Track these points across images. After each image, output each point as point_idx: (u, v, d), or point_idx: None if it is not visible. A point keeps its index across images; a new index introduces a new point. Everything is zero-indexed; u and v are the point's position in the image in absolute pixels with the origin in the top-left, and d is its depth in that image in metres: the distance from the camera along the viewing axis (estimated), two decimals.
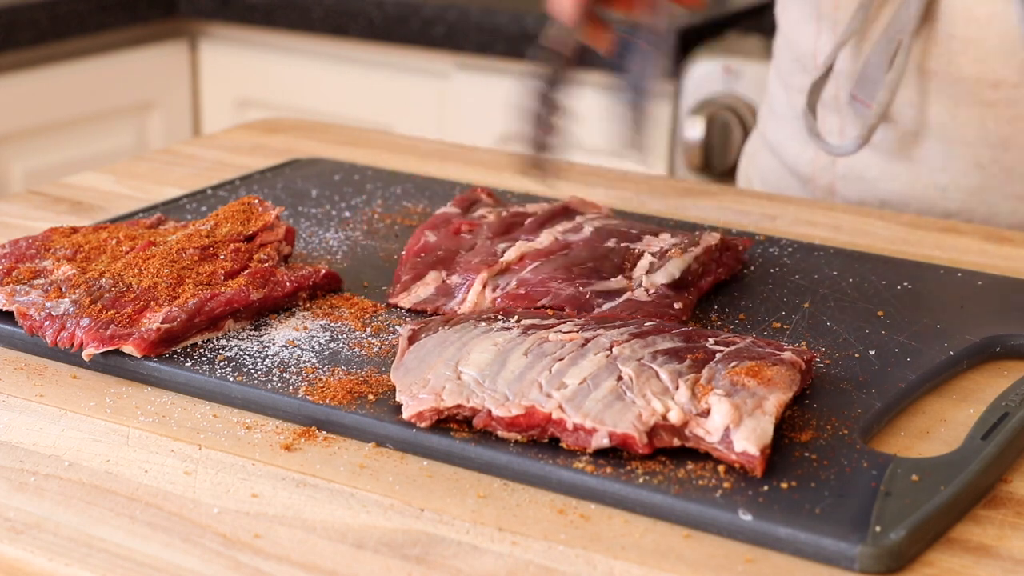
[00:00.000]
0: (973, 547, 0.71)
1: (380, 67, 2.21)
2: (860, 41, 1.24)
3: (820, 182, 1.31)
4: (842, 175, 1.29)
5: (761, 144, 1.41)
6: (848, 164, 1.28)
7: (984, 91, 1.19)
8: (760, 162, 1.41)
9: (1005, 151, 1.21)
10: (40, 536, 0.71)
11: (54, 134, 2.17)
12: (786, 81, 1.34)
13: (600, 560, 0.69)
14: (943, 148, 1.23)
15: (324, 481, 0.76)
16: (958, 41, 1.19)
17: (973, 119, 1.21)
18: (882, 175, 1.27)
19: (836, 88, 1.27)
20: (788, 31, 1.34)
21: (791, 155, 1.34)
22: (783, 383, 0.78)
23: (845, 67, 1.25)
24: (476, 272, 0.96)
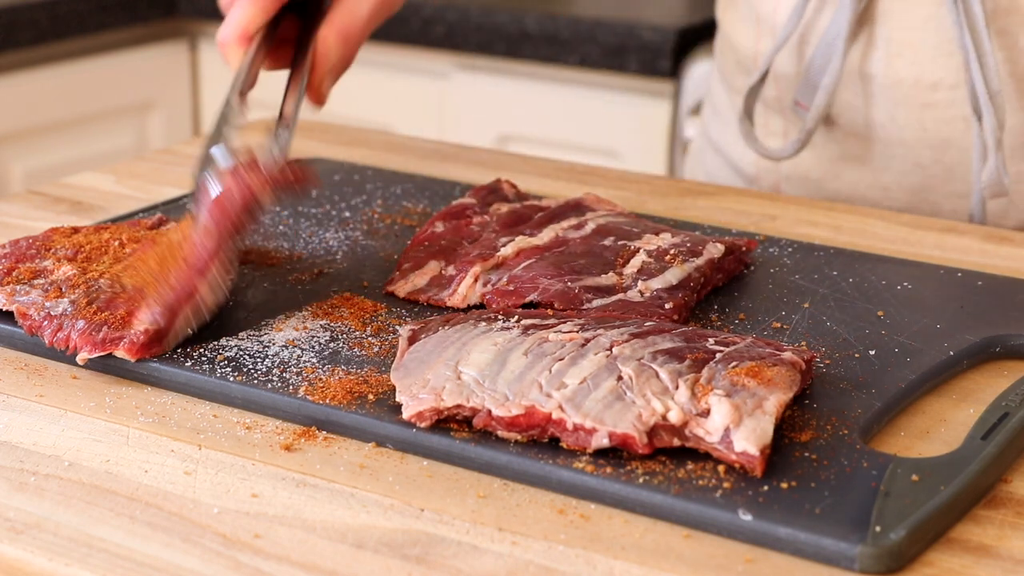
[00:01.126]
0: (973, 547, 0.71)
1: (380, 67, 2.21)
2: (801, 44, 1.25)
3: (764, 182, 1.32)
4: (786, 175, 1.30)
5: (706, 143, 1.42)
6: (792, 165, 1.30)
7: (922, 92, 1.21)
8: (706, 161, 1.42)
9: (945, 151, 1.22)
10: (40, 536, 0.71)
11: (54, 134, 2.17)
12: (728, 82, 1.35)
13: (600, 560, 0.69)
14: (884, 149, 1.24)
15: (324, 481, 0.76)
16: (895, 44, 1.21)
17: (912, 120, 1.22)
18: (826, 175, 1.28)
19: (778, 90, 1.28)
20: (729, 32, 1.35)
21: (735, 155, 1.35)
22: (783, 383, 0.78)
23: (786, 70, 1.26)
24: (471, 265, 0.96)
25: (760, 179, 1.33)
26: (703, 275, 0.96)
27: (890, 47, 1.21)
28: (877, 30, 1.21)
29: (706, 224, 1.12)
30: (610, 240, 1.00)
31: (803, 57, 1.25)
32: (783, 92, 1.28)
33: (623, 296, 0.93)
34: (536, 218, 1.04)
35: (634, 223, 1.04)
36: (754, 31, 1.29)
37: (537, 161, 1.32)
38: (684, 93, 1.97)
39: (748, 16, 1.30)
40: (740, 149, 1.34)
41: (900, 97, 1.22)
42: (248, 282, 0.99)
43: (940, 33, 1.19)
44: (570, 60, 2.02)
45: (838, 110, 1.25)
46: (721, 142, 1.38)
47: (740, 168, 1.35)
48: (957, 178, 1.22)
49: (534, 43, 2.04)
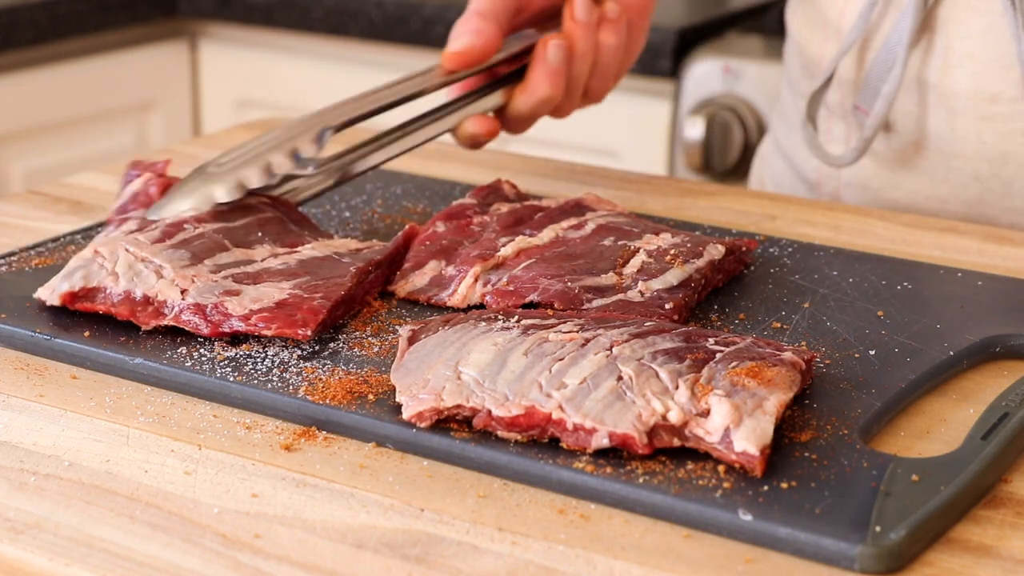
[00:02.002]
0: (973, 547, 0.71)
1: (380, 67, 2.21)
2: (863, 50, 1.24)
3: (825, 189, 1.31)
4: (846, 183, 1.29)
5: (773, 147, 1.41)
6: (852, 172, 1.28)
7: (981, 105, 1.19)
8: (772, 165, 1.40)
9: (1003, 165, 1.20)
10: (40, 536, 0.71)
11: (54, 134, 2.17)
12: (794, 86, 1.34)
13: (600, 560, 0.69)
14: (942, 160, 1.22)
15: (324, 481, 0.76)
16: (955, 53, 1.19)
17: (971, 132, 1.20)
18: (885, 184, 1.26)
19: (842, 96, 1.26)
20: (796, 35, 1.33)
21: (799, 160, 1.34)
22: (783, 383, 0.78)
23: (849, 75, 1.25)
24: (470, 265, 0.96)
25: (822, 185, 1.31)
26: (704, 276, 0.96)
27: (949, 56, 1.19)
28: (936, 38, 1.19)
29: (706, 224, 1.12)
30: (610, 240, 1.00)
31: (865, 62, 1.23)
32: (845, 97, 1.26)
33: (623, 296, 0.93)
34: (536, 218, 1.04)
35: (634, 223, 1.04)
36: (820, 35, 1.27)
37: (537, 161, 1.32)
38: (684, 93, 1.97)
39: (816, 19, 1.28)
40: (803, 154, 1.33)
41: (958, 108, 1.19)
42: None
43: (1000, 45, 1.17)
44: None
45: (896, 117, 1.23)
46: (787, 147, 1.36)
47: (803, 174, 1.33)
48: (1015, 193, 1.20)
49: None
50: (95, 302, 0.91)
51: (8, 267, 1.00)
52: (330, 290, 0.91)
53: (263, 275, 0.93)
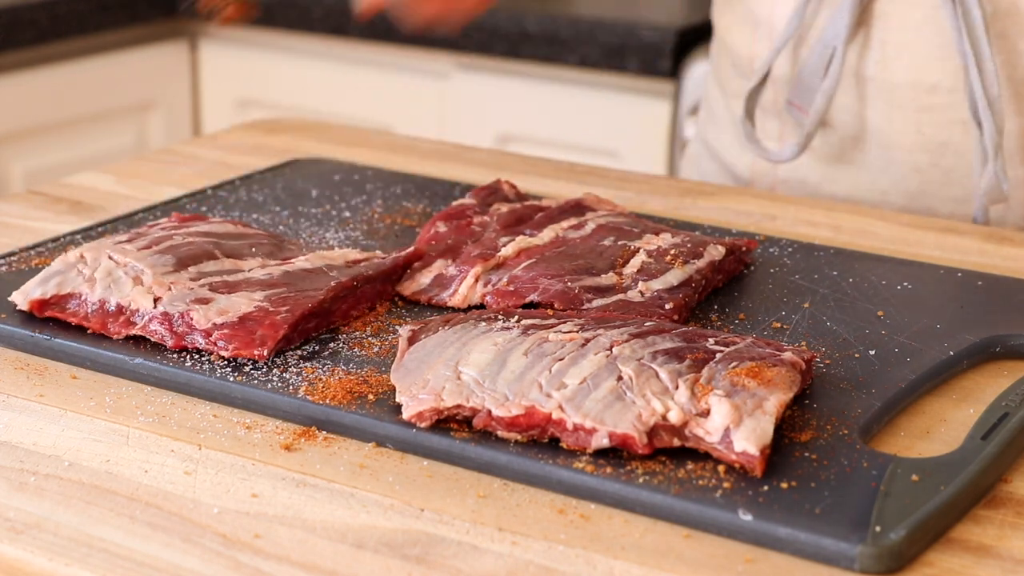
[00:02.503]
0: (973, 547, 0.71)
1: (380, 67, 2.21)
2: (797, 47, 1.25)
3: (760, 186, 1.32)
4: (783, 179, 1.30)
5: (702, 148, 1.42)
6: (789, 168, 1.29)
7: (920, 96, 1.20)
8: (702, 167, 1.41)
9: (942, 155, 1.21)
10: (40, 536, 0.71)
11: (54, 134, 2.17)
12: (724, 86, 1.35)
13: (600, 560, 0.69)
14: (882, 153, 1.24)
15: (324, 481, 0.76)
16: (892, 46, 1.20)
17: (910, 124, 1.21)
18: (823, 179, 1.27)
19: (775, 93, 1.28)
20: (724, 35, 1.34)
21: (730, 159, 1.35)
22: (783, 383, 0.78)
23: (783, 73, 1.26)
24: (472, 265, 0.96)
25: (756, 183, 1.32)
26: (704, 276, 0.96)
27: (887, 49, 1.20)
28: (873, 32, 1.21)
29: (706, 224, 1.12)
30: (610, 240, 1.00)
31: (798, 59, 1.25)
32: (779, 94, 1.27)
33: (623, 296, 0.93)
34: (536, 218, 1.04)
35: (634, 223, 1.04)
36: (751, 34, 1.29)
37: (537, 161, 1.32)
38: (684, 93, 1.97)
39: (745, 19, 1.30)
40: (735, 153, 1.34)
41: (897, 100, 1.21)
42: None
43: (938, 36, 1.18)
44: (570, 60, 2.02)
45: (834, 113, 1.24)
46: (716, 146, 1.38)
47: (735, 172, 1.35)
48: (954, 182, 1.22)
49: (534, 43, 2.03)
50: (66, 311, 0.90)
51: (8, 267, 1.00)
52: (297, 304, 0.89)
53: (241, 285, 0.91)
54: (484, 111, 2.11)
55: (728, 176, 1.36)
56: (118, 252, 0.94)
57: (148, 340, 0.89)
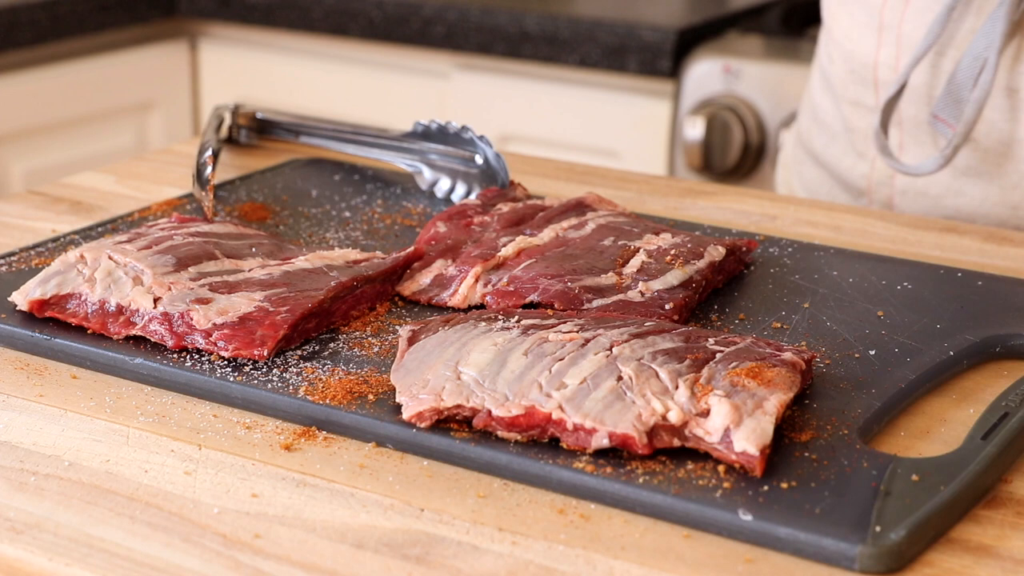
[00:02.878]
0: (973, 547, 0.71)
1: (380, 67, 2.21)
2: (935, 57, 1.21)
3: (876, 196, 1.28)
4: (901, 190, 1.26)
5: (804, 154, 1.38)
6: (909, 180, 1.25)
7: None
8: (805, 173, 1.37)
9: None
10: (40, 536, 0.71)
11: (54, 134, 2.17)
12: (838, 92, 1.31)
13: (600, 560, 0.69)
14: (1019, 168, 1.20)
15: (324, 481, 0.76)
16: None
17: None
18: (947, 192, 1.24)
19: (906, 106, 1.24)
20: (843, 40, 1.30)
21: (843, 168, 1.31)
22: (783, 384, 0.78)
23: (914, 83, 1.22)
24: (472, 265, 0.96)
25: (872, 192, 1.29)
26: (704, 277, 0.96)
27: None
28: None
29: (706, 224, 1.12)
30: (610, 240, 1.00)
31: (936, 69, 1.21)
32: (905, 105, 1.24)
33: (623, 296, 0.93)
34: (536, 218, 1.04)
35: (634, 223, 1.04)
36: (875, 39, 1.25)
37: (537, 161, 1.32)
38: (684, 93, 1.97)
39: (868, 23, 1.26)
40: (849, 162, 1.30)
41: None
42: None
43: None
44: (570, 60, 2.02)
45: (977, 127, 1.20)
46: (826, 155, 1.33)
47: (849, 181, 1.31)
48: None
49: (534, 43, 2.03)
50: (66, 311, 0.90)
51: (8, 267, 1.00)
52: (297, 304, 0.89)
53: (241, 285, 0.91)
54: (484, 111, 2.11)
55: (836, 184, 1.32)
56: (118, 252, 0.94)
57: (148, 340, 0.89)
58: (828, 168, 1.34)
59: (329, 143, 1.26)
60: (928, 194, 1.25)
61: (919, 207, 1.26)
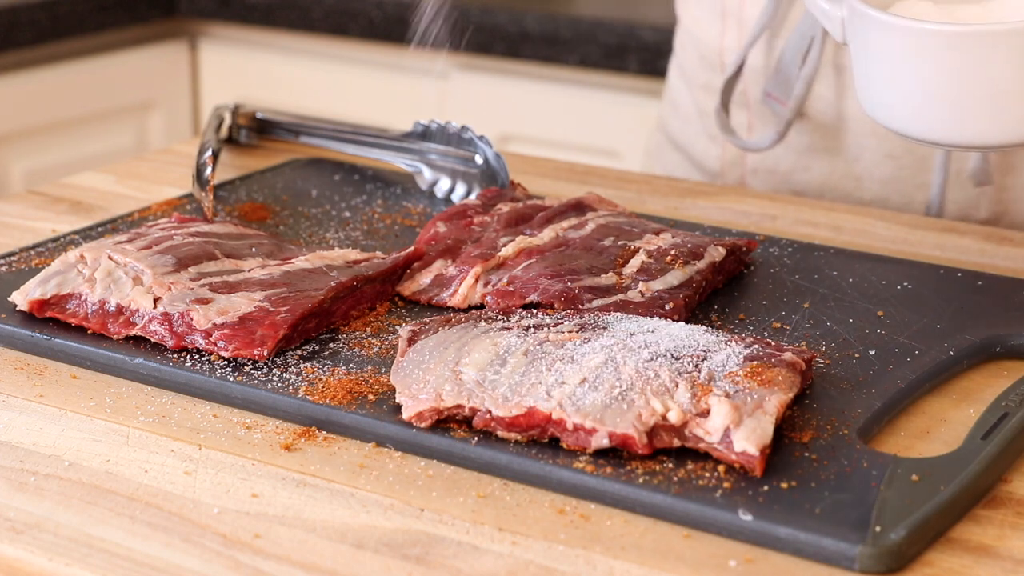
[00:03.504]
0: (973, 547, 0.71)
1: (380, 67, 2.21)
2: (770, 38, 1.26)
3: (729, 177, 1.33)
4: (752, 169, 1.31)
5: (664, 140, 1.42)
6: (758, 158, 1.30)
7: None
8: (665, 158, 1.42)
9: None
10: (40, 536, 0.71)
11: (54, 134, 2.17)
12: (690, 78, 1.36)
13: (600, 560, 0.69)
14: (856, 140, 1.25)
15: (324, 481, 0.76)
16: None
17: None
18: (795, 167, 1.28)
19: (744, 84, 1.29)
20: (692, 28, 1.35)
21: (698, 151, 1.36)
22: (783, 384, 0.78)
23: (754, 64, 1.27)
24: (472, 265, 0.96)
25: (725, 174, 1.33)
26: (704, 277, 0.96)
27: None
28: None
29: (706, 224, 1.12)
30: (610, 240, 1.00)
31: (772, 49, 1.26)
32: (748, 86, 1.29)
33: (623, 296, 0.93)
34: (536, 218, 1.04)
35: (634, 223, 1.04)
36: (719, 25, 1.30)
37: (537, 161, 1.32)
38: None
39: (713, 10, 1.31)
40: (702, 145, 1.35)
41: None
42: None
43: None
44: (570, 60, 2.01)
45: (811, 102, 1.26)
46: (681, 138, 1.38)
47: (703, 164, 1.36)
48: (928, 168, 1.24)
49: (534, 43, 2.03)
50: (66, 311, 0.90)
51: (8, 267, 1.00)
52: (297, 304, 0.89)
53: (241, 285, 0.91)
54: (484, 111, 2.11)
55: (693, 168, 1.37)
56: (118, 252, 0.94)
57: (148, 340, 0.89)
58: (684, 151, 1.38)
59: (329, 143, 1.26)
60: (777, 171, 1.30)
61: (770, 185, 1.30)
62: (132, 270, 0.92)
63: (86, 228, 1.09)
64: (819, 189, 1.28)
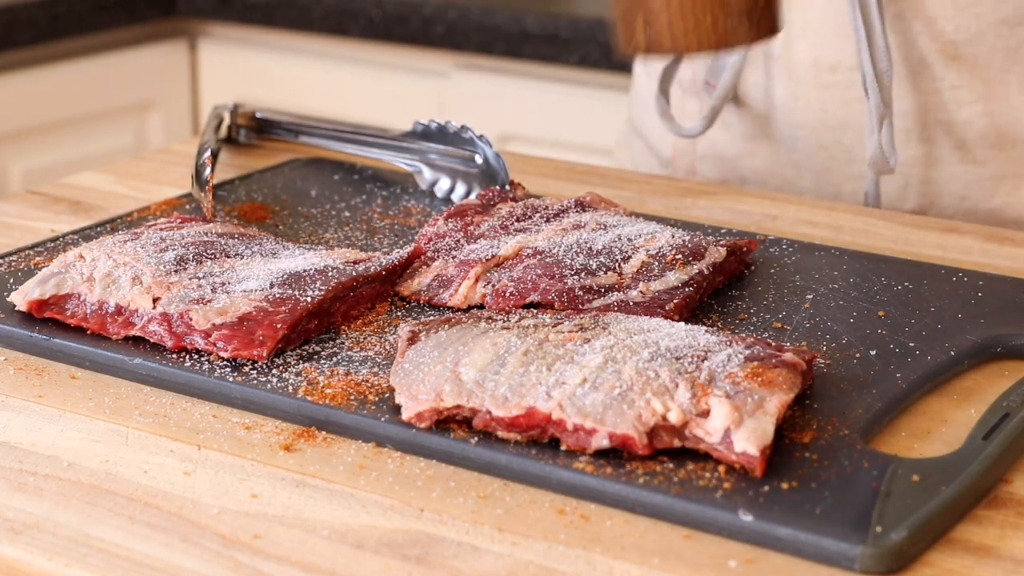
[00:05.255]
0: (974, 547, 0.71)
1: (380, 67, 2.21)
2: None
3: (680, 164, 1.35)
4: (702, 155, 1.33)
5: (630, 129, 1.44)
6: (707, 145, 1.32)
7: (822, 74, 1.24)
8: (632, 146, 1.44)
9: (844, 132, 1.25)
10: (39, 536, 0.71)
11: (54, 134, 2.16)
12: (648, 65, 1.38)
13: (600, 560, 0.69)
14: (789, 130, 1.27)
15: (324, 481, 0.76)
16: (796, 25, 1.24)
17: (813, 102, 1.25)
18: (740, 153, 1.31)
19: (693, 72, 1.31)
20: None
21: (654, 137, 1.37)
22: (784, 384, 0.78)
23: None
24: (472, 265, 0.96)
25: (677, 161, 1.35)
26: (705, 278, 0.96)
27: (791, 28, 1.24)
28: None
29: (706, 224, 1.12)
30: (610, 240, 1.00)
31: None
32: (697, 74, 1.31)
33: (623, 296, 0.93)
34: (536, 218, 1.04)
35: (634, 223, 1.04)
36: None
37: (537, 161, 1.32)
38: None
39: None
40: (658, 132, 1.36)
41: (801, 78, 1.25)
42: None
43: (838, 15, 1.21)
44: (570, 60, 2.01)
45: (747, 90, 1.28)
46: (641, 125, 1.40)
47: (659, 150, 1.37)
48: (857, 159, 1.25)
49: (534, 43, 2.03)
50: (65, 311, 0.90)
51: (8, 267, 1.00)
52: (297, 304, 0.89)
53: (241, 285, 0.91)
54: (484, 111, 2.11)
55: (651, 153, 1.39)
56: (117, 252, 0.93)
57: (147, 340, 0.88)
58: (644, 138, 1.40)
59: (329, 143, 1.26)
60: (725, 157, 1.32)
61: (718, 171, 1.32)
62: (131, 270, 0.92)
63: (85, 228, 1.09)
64: (763, 175, 1.30)
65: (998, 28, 1.20)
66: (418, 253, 0.98)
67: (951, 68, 1.21)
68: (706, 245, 0.99)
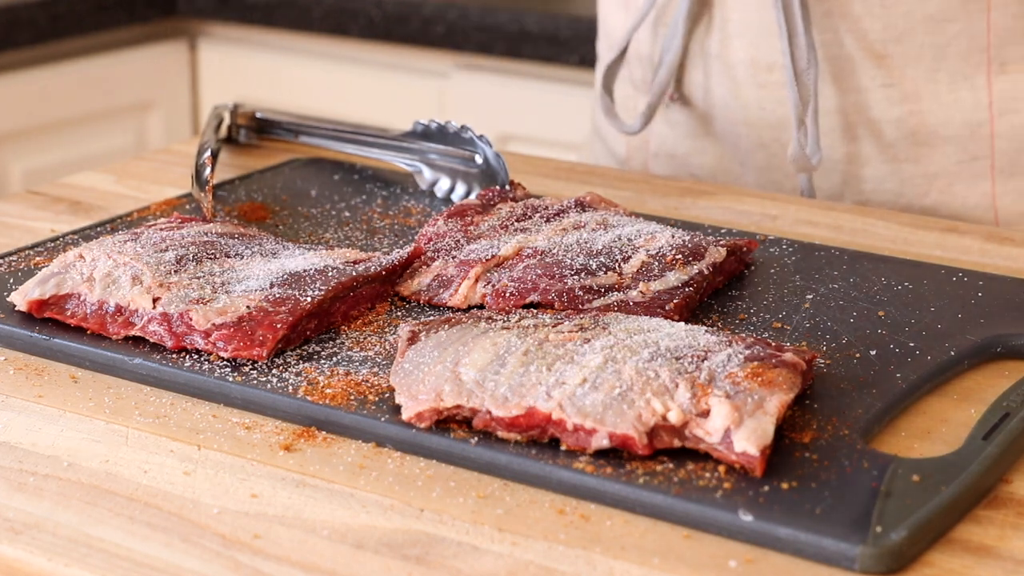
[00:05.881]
0: (974, 547, 0.71)
1: (380, 67, 2.21)
2: (657, 26, 1.30)
3: (634, 163, 1.36)
4: (654, 153, 1.34)
5: (592, 130, 1.45)
6: (659, 143, 1.33)
7: (759, 73, 1.25)
8: (595, 147, 1.44)
9: (783, 130, 1.25)
10: (39, 536, 0.71)
11: (54, 134, 2.16)
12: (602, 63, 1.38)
13: (600, 560, 0.69)
14: (731, 128, 1.28)
15: (324, 481, 0.76)
16: (733, 25, 1.25)
17: (751, 100, 1.26)
18: (691, 151, 1.32)
19: (642, 71, 1.32)
20: (603, 19, 1.39)
21: (610, 137, 1.38)
22: (784, 384, 0.78)
23: (647, 50, 1.31)
24: (472, 265, 0.96)
25: (631, 159, 1.36)
26: (705, 278, 0.96)
27: (727, 28, 1.24)
28: (716, 11, 1.25)
29: (706, 224, 1.12)
30: (610, 240, 1.00)
31: (657, 36, 1.30)
32: (646, 72, 1.31)
33: (623, 296, 0.93)
34: (536, 218, 1.04)
35: (634, 223, 1.04)
36: (623, 16, 1.33)
37: (537, 161, 1.32)
38: None
39: (617, 2, 1.34)
40: (613, 132, 1.37)
41: (739, 77, 1.25)
42: None
43: (774, 15, 1.22)
44: (570, 60, 2.01)
45: (691, 89, 1.29)
46: (599, 125, 1.41)
47: (614, 150, 1.38)
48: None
49: (534, 43, 2.03)
50: (65, 311, 0.90)
51: (8, 267, 1.00)
52: (297, 304, 0.89)
53: (241, 285, 0.91)
54: (484, 111, 2.11)
55: (608, 153, 1.39)
56: (117, 252, 0.93)
57: (147, 340, 0.88)
58: (601, 138, 1.41)
59: (329, 143, 1.26)
60: (676, 155, 1.33)
61: (670, 168, 1.33)
62: (131, 270, 0.92)
63: (85, 228, 1.09)
64: (712, 172, 1.31)
65: (926, 25, 1.20)
66: (418, 253, 0.98)
67: (881, 67, 1.22)
68: (706, 245, 0.99)
